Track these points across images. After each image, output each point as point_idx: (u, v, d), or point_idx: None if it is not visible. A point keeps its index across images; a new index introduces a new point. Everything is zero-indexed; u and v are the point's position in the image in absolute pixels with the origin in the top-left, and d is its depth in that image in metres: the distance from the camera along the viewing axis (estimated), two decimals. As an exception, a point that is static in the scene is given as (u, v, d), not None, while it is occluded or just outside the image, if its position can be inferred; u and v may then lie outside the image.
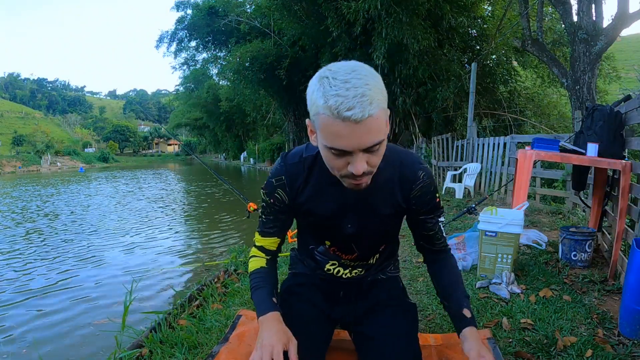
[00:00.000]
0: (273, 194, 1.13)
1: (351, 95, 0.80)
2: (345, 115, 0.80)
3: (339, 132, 0.83)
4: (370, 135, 0.84)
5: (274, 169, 1.14)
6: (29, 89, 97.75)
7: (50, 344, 2.71)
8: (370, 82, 0.83)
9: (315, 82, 0.88)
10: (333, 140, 0.85)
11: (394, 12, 9.72)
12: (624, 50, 27.90)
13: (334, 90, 0.81)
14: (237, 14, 16.88)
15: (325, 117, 0.83)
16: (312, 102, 0.87)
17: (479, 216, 2.49)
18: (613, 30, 6.28)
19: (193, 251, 5.26)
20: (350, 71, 0.83)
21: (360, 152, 0.86)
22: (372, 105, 0.81)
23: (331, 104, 0.81)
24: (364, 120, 0.81)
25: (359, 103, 0.80)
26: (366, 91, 0.81)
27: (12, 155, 37.78)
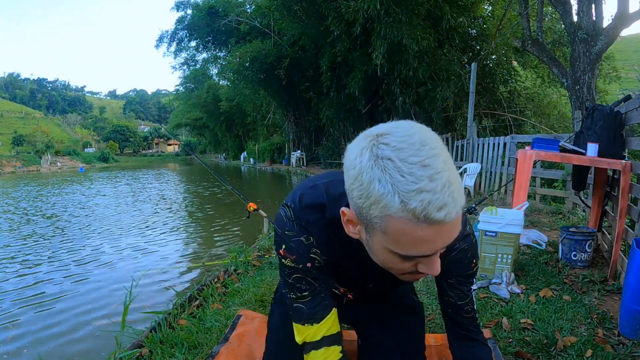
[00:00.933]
0: (308, 255, 0.86)
1: (439, 188, 0.59)
2: (436, 219, 0.59)
3: (422, 238, 0.62)
4: (457, 230, 0.65)
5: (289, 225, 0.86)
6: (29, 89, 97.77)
7: (51, 344, 2.71)
8: (446, 159, 0.62)
9: (367, 165, 0.62)
10: (411, 248, 0.65)
11: (393, 12, 9.73)
12: (624, 50, 27.90)
13: (412, 184, 0.59)
14: (237, 14, 16.90)
15: (403, 221, 0.61)
16: (372, 197, 0.62)
17: (479, 216, 2.49)
18: (613, 30, 6.28)
19: (193, 251, 5.26)
20: (420, 145, 0.61)
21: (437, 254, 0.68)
22: (460, 191, 0.62)
23: (415, 206, 0.59)
24: (456, 217, 0.62)
25: (450, 197, 0.60)
26: (450, 175, 0.61)
27: (12, 155, 37.77)
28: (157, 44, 19.52)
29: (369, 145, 0.63)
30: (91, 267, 4.44)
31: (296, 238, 0.85)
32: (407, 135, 0.62)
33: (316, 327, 0.90)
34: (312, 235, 0.85)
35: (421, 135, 0.62)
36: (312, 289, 0.89)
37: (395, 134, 0.63)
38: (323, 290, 0.90)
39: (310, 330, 0.90)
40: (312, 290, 0.89)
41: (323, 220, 0.84)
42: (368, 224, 0.67)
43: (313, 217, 0.85)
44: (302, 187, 0.90)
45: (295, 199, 0.86)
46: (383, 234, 0.65)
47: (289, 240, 0.85)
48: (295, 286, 0.88)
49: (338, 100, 14.22)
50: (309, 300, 0.89)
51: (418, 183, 0.59)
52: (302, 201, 0.86)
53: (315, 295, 0.89)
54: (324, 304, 0.90)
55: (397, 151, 0.60)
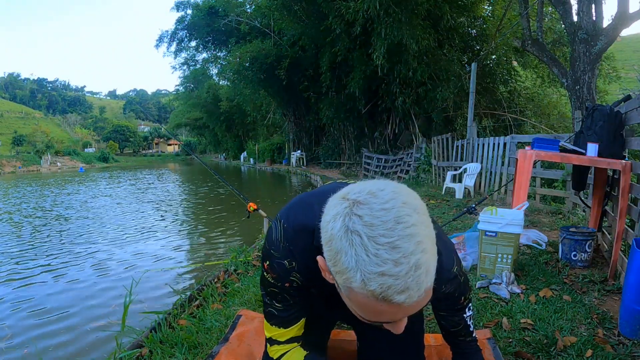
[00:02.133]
0: (288, 277, 0.89)
1: (403, 272, 0.58)
2: (395, 301, 0.59)
3: (382, 312, 0.63)
4: (420, 306, 0.65)
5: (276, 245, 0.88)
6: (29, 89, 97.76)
7: (50, 344, 2.71)
8: (420, 234, 0.60)
9: (338, 232, 0.62)
10: (372, 317, 0.66)
11: (393, 12, 9.73)
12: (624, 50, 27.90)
13: (375, 266, 0.58)
14: (237, 14, 16.91)
15: (365, 296, 0.61)
16: (338, 265, 0.63)
17: (479, 216, 2.49)
18: (613, 30, 6.28)
19: (193, 251, 5.26)
20: (394, 224, 0.59)
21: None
22: (429, 274, 0.61)
23: (374, 288, 0.59)
24: (418, 300, 0.61)
25: (414, 281, 0.59)
26: (419, 258, 0.59)
27: (12, 155, 37.77)
28: (157, 44, 19.54)
29: (343, 213, 0.62)
30: (91, 267, 4.44)
31: (279, 260, 0.87)
32: (383, 210, 0.60)
33: (284, 331, 0.97)
34: (296, 261, 0.87)
35: (399, 212, 0.60)
36: (285, 302, 0.94)
37: (371, 206, 0.61)
38: (296, 303, 0.94)
39: (278, 332, 0.97)
40: (285, 303, 0.94)
41: (310, 248, 0.83)
42: (336, 283, 0.68)
43: (301, 243, 0.86)
44: (297, 204, 0.92)
45: (289, 218, 0.88)
46: (348, 299, 0.67)
47: (273, 259, 0.88)
48: (270, 295, 0.94)
49: (338, 100, 14.22)
50: (281, 309, 0.94)
51: (382, 266, 0.58)
52: (294, 222, 0.87)
53: (288, 308, 0.94)
54: (295, 315, 0.96)
55: (368, 228, 0.59)
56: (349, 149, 15.96)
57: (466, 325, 1.07)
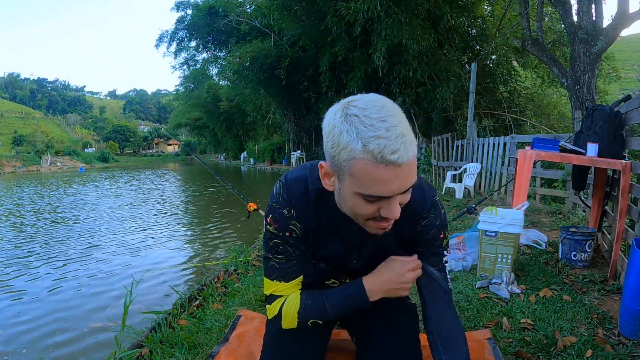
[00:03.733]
0: (288, 226, 0.99)
1: (393, 137, 0.73)
2: (390, 160, 0.73)
3: (380, 177, 0.76)
4: (410, 177, 0.79)
5: (276, 198, 1.00)
6: (29, 89, 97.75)
7: (50, 344, 2.71)
8: (402, 120, 0.77)
9: (339, 121, 0.78)
10: (372, 187, 0.77)
11: (393, 13, 9.72)
12: (624, 50, 27.91)
13: (372, 132, 0.74)
14: (237, 14, 16.89)
15: (365, 162, 0.75)
16: (341, 145, 0.77)
17: (479, 216, 2.49)
18: (613, 30, 6.28)
19: (193, 251, 5.26)
20: (380, 108, 0.76)
21: (397, 195, 0.80)
22: (412, 145, 0.76)
23: (373, 148, 0.73)
24: (407, 162, 0.75)
25: (402, 144, 0.74)
26: (404, 130, 0.76)
27: (12, 155, 37.79)
28: (157, 44, 19.53)
29: (341, 108, 0.79)
30: (91, 267, 4.44)
31: (280, 210, 0.98)
32: (371, 100, 0.78)
33: (284, 285, 1.04)
34: (294, 208, 0.98)
35: (382, 102, 0.78)
36: (287, 254, 1.02)
37: (362, 100, 0.79)
38: (296, 257, 1.03)
39: (279, 286, 1.04)
40: (286, 254, 1.02)
41: (305, 193, 0.98)
42: (339, 171, 0.81)
43: (298, 191, 0.98)
44: (295, 167, 1.07)
45: (287, 175, 1.02)
46: (350, 176, 0.79)
47: (274, 211, 0.99)
48: (273, 248, 1.02)
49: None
50: (283, 261, 1.02)
51: (376, 132, 0.74)
52: (291, 177, 1.01)
53: (289, 260, 1.02)
54: (295, 269, 1.03)
55: (362, 110, 0.76)
56: (349, 149, 15.94)
57: (444, 269, 1.07)
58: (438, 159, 9.09)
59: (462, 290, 2.29)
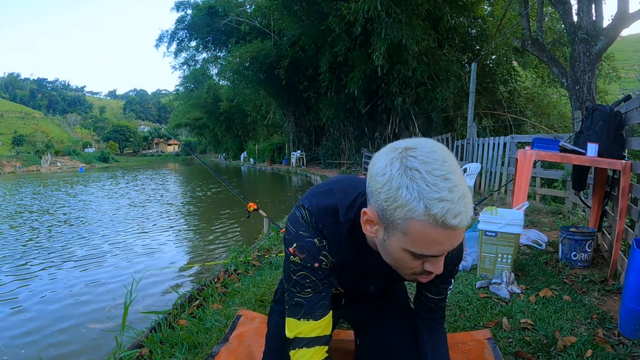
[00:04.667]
0: (318, 257, 0.90)
1: (456, 198, 0.69)
2: (451, 224, 0.70)
3: (436, 239, 0.72)
4: (462, 236, 0.75)
5: (305, 226, 0.90)
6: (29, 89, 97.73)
7: (50, 344, 2.71)
8: (458, 171, 0.73)
9: (397, 173, 0.71)
10: (424, 247, 0.74)
11: (393, 13, 9.73)
12: (624, 50, 27.91)
13: (435, 193, 0.69)
14: (237, 14, 16.90)
15: (424, 224, 0.70)
16: (399, 201, 0.71)
17: (479, 216, 2.49)
18: (613, 30, 6.28)
19: (193, 251, 5.26)
20: (442, 162, 0.71)
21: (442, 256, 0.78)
22: (471, 204, 0.73)
23: (436, 212, 0.69)
24: (466, 224, 0.72)
25: (464, 207, 0.70)
26: (465, 190, 0.71)
27: (12, 155, 37.78)
28: (157, 44, 19.54)
29: (399, 157, 0.72)
30: (91, 267, 4.44)
31: (310, 239, 0.89)
32: (432, 152, 0.72)
33: (313, 323, 0.93)
34: (326, 239, 0.90)
35: (442, 153, 0.73)
36: (315, 287, 0.92)
37: (421, 149, 0.72)
38: (325, 289, 0.94)
39: (306, 325, 0.93)
40: (314, 288, 0.92)
41: (337, 224, 0.90)
42: (389, 225, 0.75)
43: (328, 221, 0.90)
44: (316, 192, 0.95)
45: (312, 202, 0.91)
46: (403, 234, 0.74)
47: (302, 240, 0.90)
48: (299, 282, 0.92)
49: (338, 100, 14.23)
50: (310, 296, 0.92)
51: (440, 193, 0.69)
52: (319, 204, 0.91)
53: (317, 294, 0.93)
54: (324, 304, 0.94)
55: (424, 164, 0.70)
56: (349, 149, 15.96)
57: (445, 298, 1.10)
58: (438, 159, 9.08)
59: (462, 290, 2.29)
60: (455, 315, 1.96)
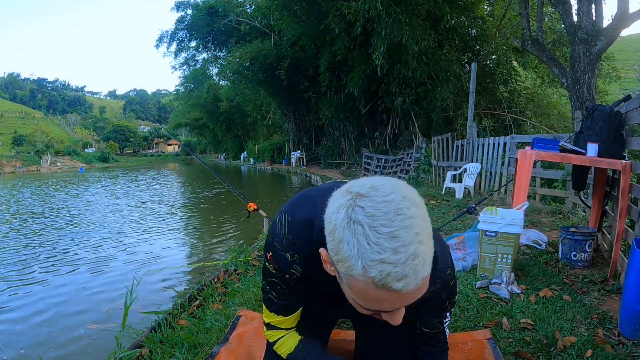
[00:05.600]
0: (289, 270, 0.93)
1: (401, 261, 0.61)
2: (393, 288, 0.63)
3: (381, 299, 0.66)
4: (418, 295, 0.68)
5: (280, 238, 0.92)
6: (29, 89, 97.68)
7: (50, 344, 2.71)
8: (418, 225, 0.64)
9: (341, 224, 0.66)
10: (371, 305, 0.69)
11: (393, 12, 9.73)
12: (624, 50, 27.90)
13: (376, 254, 0.62)
14: (237, 14, 16.90)
15: (364, 284, 0.65)
16: (340, 255, 0.66)
17: (479, 216, 2.49)
18: (613, 30, 6.28)
19: (193, 251, 5.26)
20: (394, 214, 0.63)
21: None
22: (426, 265, 0.64)
23: (374, 275, 0.62)
24: (415, 288, 0.64)
25: (411, 270, 0.62)
26: (417, 248, 0.62)
27: (12, 155, 37.76)
28: (157, 44, 19.53)
29: (347, 204, 0.66)
30: (91, 267, 4.44)
31: (282, 253, 0.92)
32: (384, 202, 0.64)
33: (282, 318, 1.04)
34: (298, 254, 0.91)
35: (398, 204, 0.64)
36: (283, 292, 0.99)
37: (373, 198, 0.65)
38: (293, 294, 1.00)
39: (277, 319, 1.04)
40: (283, 293, 0.99)
41: (312, 240, 0.88)
42: (338, 273, 0.71)
43: (304, 237, 0.89)
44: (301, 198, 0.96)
45: (294, 212, 0.92)
46: (349, 287, 0.69)
47: (276, 251, 0.93)
48: (271, 285, 0.99)
49: (338, 100, 14.22)
50: (279, 298, 1.00)
51: (382, 254, 0.61)
52: (298, 215, 0.91)
53: (286, 297, 1.00)
54: (293, 305, 1.02)
55: (370, 218, 0.63)
56: (349, 149, 15.96)
57: (442, 331, 1.06)
58: (438, 159, 9.08)
59: (462, 290, 2.29)
60: (455, 315, 1.97)
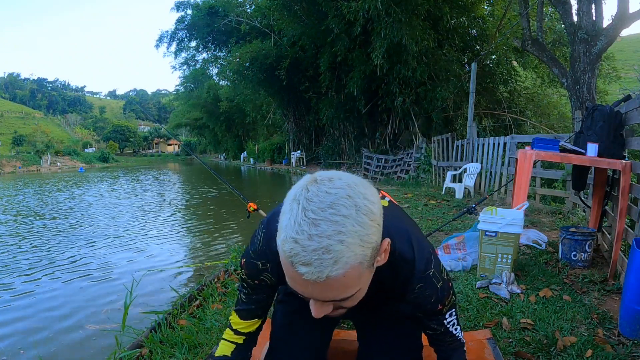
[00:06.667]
0: (259, 277, 0.98)
1: (311, 248, 0.63)
2: (298, 270, 0.65)
3: (294, 278, 0.68)
4: (330, 292, 0.69)
5: (255, 247, 0.96)
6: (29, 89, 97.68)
7: (50, 344, 2.71)
8: (347, 226, 0.65)
9: (289, 198, 0.70)
10: (291, 282, 0.71)
11: (393, 12, 9.73)
12: (624, 50, 27.91)
13: (294, 232, 0.65)
14: (237, 14, 16.90)
15: (283, 256, 0.68)
16: (280, 221, 0.70)
17: (479, 216, 2.49)
18: (613, 30, 6.28)
19: (193, 251, 5.26)
20: (327, 207, 0.65)
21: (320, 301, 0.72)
22: (337, 265, 0.64)
23: (286, 249, 0.66)
24: (319, 282, 0.65)
25: (318, 261, 0.63)
26: (333, 245, 0.64)
27: (12, 155, 37.77)
28: (157, 44, 19.52)
29: (302, 185, 0.70)
30: (91, 267, 4.44)
31: (254, 261, 0.96)
32: (326, 193, 0.67)
33: (240, 321, 1.09)
34: (270, 262, 0.94)
35: (338, 200, 0.66)
36: (248, 297, 1.05)
37: (320, 187, 0.68)
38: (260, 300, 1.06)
39: (236, 319, 1.09)
40: (248, 298, 1.06)
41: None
42: None
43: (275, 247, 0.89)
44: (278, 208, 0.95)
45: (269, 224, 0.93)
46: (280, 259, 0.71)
47: (249, 259, 0.98)
48: (245, 288, 1.05)
49: (338, 100, 14.22)
50: (245, 302, 1.07)
51: (298, 235, 0.64)
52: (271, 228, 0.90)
53: (250, 302, 1.06)
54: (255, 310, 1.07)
55: (307, 201, 0.66)
56: (349, 149, 15.95)
57: (447, 331, 1.03)
58: (438, 159, 9.09)
59: (462, 290, 2.29)
60: (455, 315, 1.96)
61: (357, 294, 0.73)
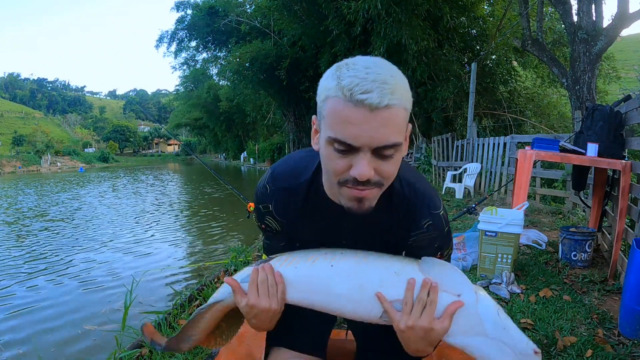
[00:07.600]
0: (263, 220, 1.01)
1: (370, 79, 0.68)
2: (359, 98, 0.67)
3: (348, 118, 0.69)
4: (385, 130, 0.70)
5: (260, 191, 0.99)
6: (29, 89, 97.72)
7: (50, 344, 2.71)
8: (395, 75, 0.71)
9: (330, 72, 0.76)
10: (340, 129, 0.71)
11: (393, 12, 9.73)
12: (624, 50, 27.91)
13: (351, 73, 0.70)
14: (237, 14, 16.89)
15: (336, 100, 0.70)
16: (323, 88, 0.74)
17: (479, 216, 2.49)
18: (613, 30, 6.28)
19: (193, 251, 5.26)
20: (373, 62, 0.72)
21: (369, 152, 0.72)
22: (394, 95, 0.69)
23: (345, 84, 0.69)
24: (380, 108, 0.68)
25: (378, 88, 0.68)
26: (389, 79, 0.69)
27: (12, 155, 37.80)
28: (157, 44, 19.50)
29: (335, 66, 0.75)
30: (92, 268, 4.44)
31: (258, 205, 1.01)
32: (365, 60, 0.73)
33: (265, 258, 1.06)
34: (272, 203, 0.96)
35: (379, 59, 0.73)
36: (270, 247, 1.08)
37: (360, 59, 0.73)
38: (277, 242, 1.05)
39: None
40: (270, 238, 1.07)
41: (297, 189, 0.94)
42: (320, 121, 0.77)
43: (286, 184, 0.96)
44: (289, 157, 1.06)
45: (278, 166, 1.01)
46: (325, 119, 0.74)
47: (255, 205, 1.02)
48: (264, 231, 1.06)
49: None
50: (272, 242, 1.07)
51: (355, 72, 0.69)
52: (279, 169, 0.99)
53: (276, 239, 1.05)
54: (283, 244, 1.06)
55: (352, 64, 0.72)
56: (349, 149, 15.95)
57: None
58: (438, 159, 9.08)
59: (462, 290, 2.28)
60: (455, 315, 1.96)
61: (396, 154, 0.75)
